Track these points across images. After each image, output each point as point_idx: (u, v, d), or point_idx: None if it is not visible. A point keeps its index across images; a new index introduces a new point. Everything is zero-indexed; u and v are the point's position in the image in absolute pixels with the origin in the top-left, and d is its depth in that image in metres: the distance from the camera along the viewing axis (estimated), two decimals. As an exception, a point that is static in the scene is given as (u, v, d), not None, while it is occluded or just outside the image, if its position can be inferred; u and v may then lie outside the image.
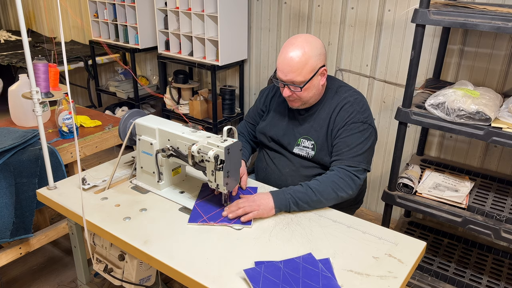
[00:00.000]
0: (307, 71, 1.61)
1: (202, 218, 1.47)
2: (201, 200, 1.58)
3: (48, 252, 2.56)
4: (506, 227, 1.86)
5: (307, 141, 1.74)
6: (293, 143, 1.77)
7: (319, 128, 1.72)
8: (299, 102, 1.70)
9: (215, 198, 1.58)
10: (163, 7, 3.24)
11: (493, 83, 2.32)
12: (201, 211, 1.51)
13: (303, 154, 1.75)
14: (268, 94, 1.92)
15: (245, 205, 1.48)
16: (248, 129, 1.99)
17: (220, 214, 1.49)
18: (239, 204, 1.50)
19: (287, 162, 1.80)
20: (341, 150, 1.65)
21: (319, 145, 1.72)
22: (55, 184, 1.67)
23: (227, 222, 1.45)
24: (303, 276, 1.21)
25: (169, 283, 1.84)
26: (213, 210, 1.52)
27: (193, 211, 1.51)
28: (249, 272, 1.20)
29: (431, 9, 1.81)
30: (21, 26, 1.45)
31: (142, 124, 1.61)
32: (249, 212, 1.47)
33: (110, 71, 4.37)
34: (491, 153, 2.42)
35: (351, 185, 1.60)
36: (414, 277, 2.13)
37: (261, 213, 1.48)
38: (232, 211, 1.48)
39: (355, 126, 1.66)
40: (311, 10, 2.84)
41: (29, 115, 2.30)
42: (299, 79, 1.61)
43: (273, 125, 1.83)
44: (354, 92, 1.75)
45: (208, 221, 1.45)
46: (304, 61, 1.59)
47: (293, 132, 1.78)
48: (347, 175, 1.61)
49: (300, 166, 1.77)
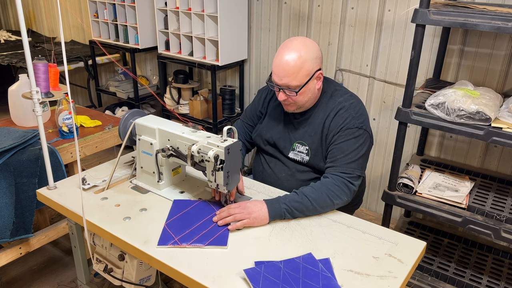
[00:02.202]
0: (302, 75, 1.57)
1: (173, 239, 1.35)
2: (172, 220, 1.45)
3: (48, 252, 2.56)
4: (506, 227, 1.86)
5: (302, 146, 1.72)
6: (288, 147, 1.76)
7: (313, 134, 1.70)
8: (294, 106, 1.67)
9: (187, 216, 1.47)
10: (163, 7, 3.24)
11: (493, 83, 2.32)
12: (171, 231, 1.39)
13: (298, 159, 1.73)
14: (266, 96, 1.88)
15: (235, 212, 1.43)
16: (244, 129, 1.94)
17: (193, 235, 1.38)
18: (230, 210, 1.45)
19: (283, 167, 1.78)
20: (336, 157, 1.62)
21: (314, 151, 1.70)
22: (55, 184, 1.67)
23: (200, 243, 1.34)
24: (303, 276, 1.21)
25: (169, 283, 1.84)
26: (185, 229, 1.40)
27: (163, 232, 1.39)
28: (249, 272, 1.20)
29: (431, 9, 1.81)
30: (21, 26, 1.45)
31: (142, 124, 1.61)
32: (239, 220, 1.42)
33: (110, 71, 4.37)
34: (491, 153, 2.42)
35: (346, 192, 1.57)
36: (414, 277, 2.13)
37: (251, 222, 1.43)
38: (222, 218, 1.43)
39: (350, 132, 1.63)
40: (311, 10, 2.84)
41: (29, 115, 2.30)
42: (294, 83, 1.58)
43: (270, 128, 1.81)
44: (350, 96, 1.72)
45: (180, 243, 1.34)
46: (300, 65, 1.56)
47: (289, 136, 1.76)
48: (342, 182, 1.57)
49: (296, 171, 1.76)
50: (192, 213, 1.49)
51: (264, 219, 1.45)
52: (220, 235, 1.39)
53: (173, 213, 1.49)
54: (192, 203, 1.56)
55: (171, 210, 1.51)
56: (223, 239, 1.37)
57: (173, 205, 1.54)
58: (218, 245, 1.34)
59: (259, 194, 1.65)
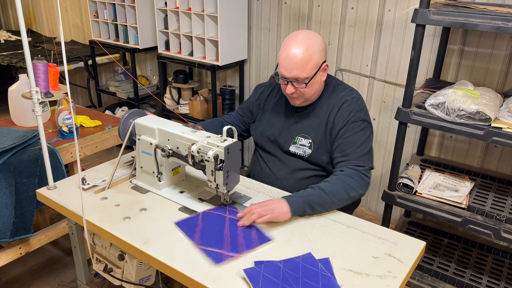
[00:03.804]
0: (311, 67, 1.60)
1: (225, 255, 1.28)
2: (199, 239, 1.36)
3: (48, 252, 2.56)
4: (506, 227, 1.86)
5: (304, 139, 1.73)
6: (289, 141, 1.76)
7: (317, 127, 1.71)
8: (301, 99, 1.69)
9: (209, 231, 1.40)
10: (163, 7, 3.24)
11: (493, 83, 2.32)
12: (214, 249, 1.31)
13: (299, 152, 1.74)
14: (263, 91, 1.89)
15: (258, 210, 1.42)
16: (235, 118, 1.95)
17: (234, 243, 1.33)
18: (252, 210, 1.43)
19: (281, 165, 1.79)
20: (347, 151, 1.64)
21: (317, 144, 1.71)
22: (55, 184, 1.67)
23: (249, 248, 1.31)
24: (302, 276, 1.21)
25: (169, 283, 1.84)
26: (222, 242, 1.35)
27: (206, 253, 1.29)
28: (249, 272, 1.20)
29: (431, 9, 1.81)
30: (21, 26, 1.45)
31: (142, 124, 1.61)
32: (264, 215, 1.41)
33: (110, 71, 4.37)
34: (491, 153, 2.42)
35: (362, 185, 1.59)
36: (414, 277, 2.13)
37: (276, 216, 1.43)
38: (246, 219, 1.42)
39: (356, 125, 1.66)
40: (311, 10, 2.84)
41: (29, 115, 2.30)
42: (304, 75, 1.60)
43: (271, 125, 1.82)
44: (351, 90, 1.75)
45: (234, 255, 1.29)
46: (308, 57, 1.58)
47: (290, 130, 1.77)
48: (357, 174, 1.59)
49: (295, 170, 1.76)
50: (209, 226, 1.42)
51: (286, 214, 1.45)
52: (257, 234, 1.39)
53: (191, 233, 1.39)
54: (196, 218, 1.47)
55: (185, 231, 1.39)
56: (263, 236, 1.38)
57: (182, 228, 1.41)
58: (264, 243, 1.35)
59: (258, 194, 1.65)
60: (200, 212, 1.51)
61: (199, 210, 1.52)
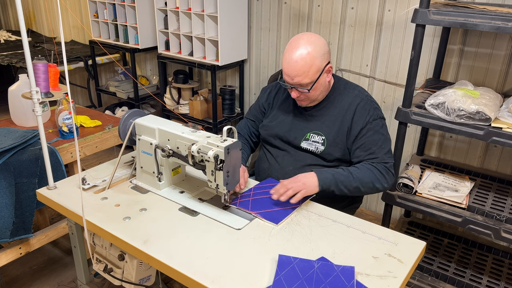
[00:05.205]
0: (313, 72, 1.62)
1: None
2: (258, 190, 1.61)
3: (48, 252, 2.56)
4: (506, 227, 1.86)
5: (317, 136, 1.75)
6: (300, 137, 1.78)
7: (331, 125, 1.74)
8: (307, 101, 1.72)
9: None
10: (163, 7, 3.24)
11: (493, 83, 2.32)
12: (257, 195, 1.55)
13: (312, 148, 1.76)
14: (270, 91, 1.92)
15: (292, 186, 1.52)
16: (249, 128, 1.97)
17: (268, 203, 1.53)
18: (286, 185, 1.53)
19: (291, 160, 1.80)
20: (373, 149, 1.70)
21: (330, 141, 1.73)
22: (55, 184, 1.67)
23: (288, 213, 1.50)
24: (329, 284, 1.17)
25: (169, 283, 1.84)
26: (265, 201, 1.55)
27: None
28: (282, 259, 1.21)
29: (431, 9, 1.81)
30: (21, 26, 1.45)
31: (142, 124, 1.61)
32: (297, 192, 1.51)
33: (110, 71, 4.37)
34: (491, 153, 2.42)
35: (388, 180, 1.68)
36: (414, 277, 2.13)
37: (309, 191, 1.54)
38: (282, 194, 1.52)
39: (376, 123, 1.71)
40: (311, 10, 2.84)
41: (29, 115, 2.30)
42: (306, 81, 1.62)
43: (279, 122, 1.84)
44: (362, 88, 1.80)
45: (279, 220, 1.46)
46: (310, 63, 1.60)
47: (300, 127, 1.79)
48: (386, 170, 1.68)
49: (304, 165, 1.77)
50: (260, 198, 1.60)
51: (315, 188, 1.56)
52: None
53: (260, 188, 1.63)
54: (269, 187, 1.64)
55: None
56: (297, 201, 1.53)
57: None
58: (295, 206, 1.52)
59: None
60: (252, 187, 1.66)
61: (199, 210, 1.52)
